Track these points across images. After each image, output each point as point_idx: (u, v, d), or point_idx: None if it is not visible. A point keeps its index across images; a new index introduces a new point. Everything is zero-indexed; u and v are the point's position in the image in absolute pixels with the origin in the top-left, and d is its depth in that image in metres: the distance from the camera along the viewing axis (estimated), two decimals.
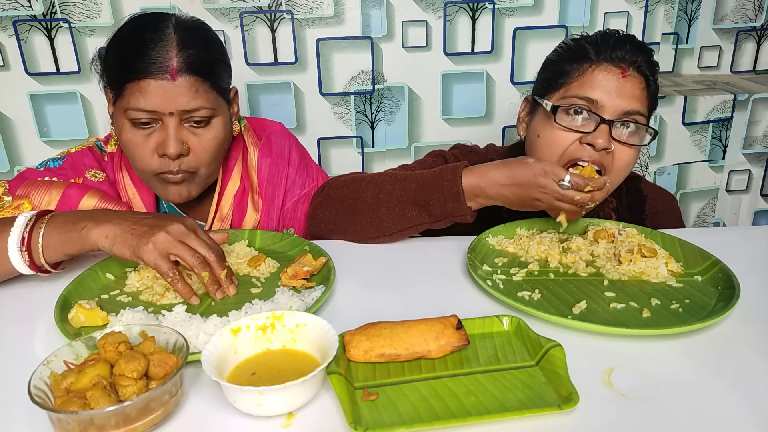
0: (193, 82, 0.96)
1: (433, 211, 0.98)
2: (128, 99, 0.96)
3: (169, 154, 0.98)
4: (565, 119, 1.00)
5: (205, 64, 0.99)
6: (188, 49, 0.96)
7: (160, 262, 0.80)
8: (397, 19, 1.58)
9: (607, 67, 0.99)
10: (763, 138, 1.88)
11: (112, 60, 0.99)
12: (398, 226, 1.01)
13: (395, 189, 1.00)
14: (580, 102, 0.99)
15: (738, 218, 1.96)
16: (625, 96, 0.98)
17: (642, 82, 1.00)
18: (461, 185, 0.95)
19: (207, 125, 1.01)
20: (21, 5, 1.46)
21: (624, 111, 0.98)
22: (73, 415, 0.56)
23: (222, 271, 0.85)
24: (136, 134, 0.98)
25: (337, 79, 1.62)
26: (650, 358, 0.71)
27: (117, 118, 1.00)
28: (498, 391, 0.64)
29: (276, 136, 1.21)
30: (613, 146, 0.98)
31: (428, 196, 0.97)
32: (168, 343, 0.67)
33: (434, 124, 1.69)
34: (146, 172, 1.02)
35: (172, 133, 0.97)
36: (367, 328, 0.71)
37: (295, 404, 0.62)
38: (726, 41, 1.90)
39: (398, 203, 1.00)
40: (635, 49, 1.00)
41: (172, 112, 0.96)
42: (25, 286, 0.90)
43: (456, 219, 0.98)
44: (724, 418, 0.61)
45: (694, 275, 0.91)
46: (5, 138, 1.57)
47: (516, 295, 0.84)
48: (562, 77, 1.02)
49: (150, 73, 0.94)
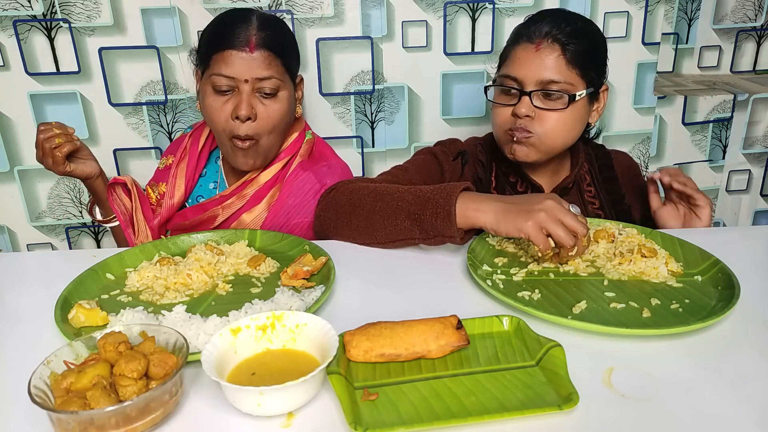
0: (267, 56, 1.14)
1: (424, 225, 0.97)
2: (213, 67, 1.14)
3: (240, 116, 1.13)
4: (498, 97, 1.17)
5: (279, 44, 1.16)
6: (266, 30, 1.15)
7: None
8: (397, 19, 1.58)
9: (524, 45, 1.12)
10: (763, 138, 1.88)
11: (204, 39, 1.18)
12: (390, 236, 1.01)
13: (393, 199, 1.02)
14: (506, 81, 1.14)
15: (738, 218, 1.96)
16: (539, 67, 1.10)
17: (557, 50, 1.09)
18: (455, 205, 0.94)
19: (274, 97, 1.17)
20: (21, 5, 1.46)
21: (539, 80, 1.10)
22: (73, 415, 0.56)
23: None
24: (216, 100, 1.15)
25: (337, 79, 1.61)
26: (650, 358, 0.71)
27: (202, 87, 1.18)
28: (498, 391, 0.64)
29: (329, 168, 1.28)
30: (533, 113, 1.11)
31: (421, 210, 0.97)
32: (168, 343, 0.67)
33: (434, 124, 1.69)
34: (222, 133, 1.18)
35: (245, 97, 1.14)
36: (367, 328, 0.71)
37: (295, 404, 0.62)
38: (726, 41, 1.90)
39: (393, 213, 1.00)
40: (555, 22, 1.10)
41: (247, 80, 1.13)
42: (25, 285, 0.90)
43: (445, 239, 0.97)
44: (724, 418, 0.61)
45: (694, 275, 0.91)
46: (5, 138, 1.57)
47: (516, 295, 0.84)
48: (501, 61, 1.19)
49: (233, 45, 1.12)
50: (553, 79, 1.09)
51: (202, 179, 1.33)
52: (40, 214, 1.66)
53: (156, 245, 1.01)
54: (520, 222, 0.89)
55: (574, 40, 1.09)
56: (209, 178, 1.33)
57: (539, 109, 1.11)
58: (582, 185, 1.27)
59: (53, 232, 1.68)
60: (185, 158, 1.29)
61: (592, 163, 1.28)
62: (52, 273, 0.91)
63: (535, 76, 1.10)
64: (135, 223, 1.24)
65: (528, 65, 1.10)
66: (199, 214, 1.23)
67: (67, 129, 1.16)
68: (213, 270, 0.92)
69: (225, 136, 1.18)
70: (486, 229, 0.94)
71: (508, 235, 0.91)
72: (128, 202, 1.24)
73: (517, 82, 1.11)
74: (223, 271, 0.93)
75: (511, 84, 1.12)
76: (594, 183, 1.27)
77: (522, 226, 0.89)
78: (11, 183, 1.60)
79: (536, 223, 0.88)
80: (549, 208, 0.89)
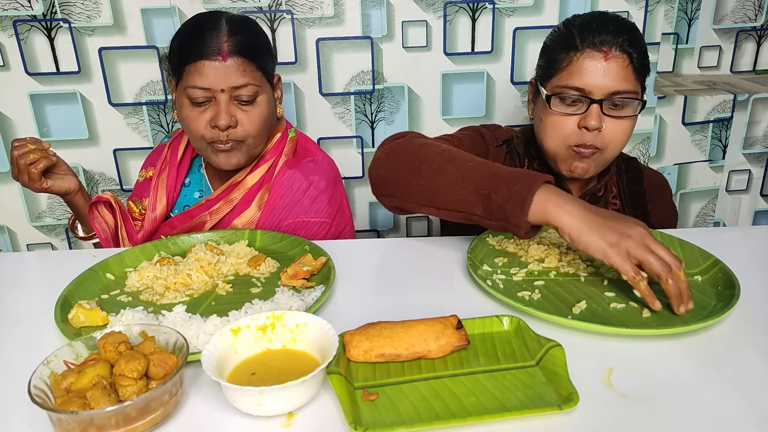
0: (240, 63, 1.11)
1: (491, 206, 0.88)
2: (187, 79, 1.11)
3: (220, 126, 1.11)
4: (559, 106, 1.08)
5: (251, 48, 1.13)
6: (237, 35, 1.11)
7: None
8: (397, 19, 1.58)
9: (591, 53, 1.05)
10: (763, 138, 1.88)
11: (175, 49, 1.15)
12: (450, 203, 0.92)
13: (465, 167, 0.93)
14: (569, 91, 1.06)
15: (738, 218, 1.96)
16: (610, 77, 1.04)
17: (626, 60, 1.05)
18: (533, 195, 0.85)
19: (253, 103, 1.14)
20: (21, 5, 1.46)
21: (610, 92, 1.04)
22: (73, 415, 0.56)
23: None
24: (193, 111, 1.13)
25: (337, 79, 1.62)
26: (650, 358, 0.71)
27: (178, 98, 1.16)
28: (498, 391, 0.64)
29: (315, 164, 1.25)
30: (604, 125, 1.05)
31: (494, 189, 0.87)
32: (168, 343, 0.67)
33: (434, 124, 1.69)
34: (200, 141, 1.16)
35: (222, 107, 1.11)
36: (367, 328, 0.71)
37: (295, 404, 0.62)
38: (726, 41, 1.90)
39: (462, 181, 0.91)
40: (617, 30, 1.05)
41: (223, 89, 1.10)
42: (25, 285, 0.90)
43: (509, 227, 0.87)
44: (724, 418, 0.61)
45: (695, 275, 0.91)
46: (5, 138, 1.57)
47: (516, 295, 0.84)
48: (555, 65, 1.09)
49: (205, 55, 1.09)
50: (624, 89, 1.04)
51: (186, 189, 1.29)
52: (40, 214, 1.66)
53: (156, 245, 1.01)
54: (606, 240, 0.80)
55: (636, 47, 1.05)
56: (194, 187, 1.29)
57: (608, 118, 1.05)
58: (608, 196, 1.22)
59: (53, 232, 1.68)
60: (165, 169, 1.26)
61: (621, 174, 1.24)
62: (52, 273, 0.91)
63: (604, 86, 1.04)
64: (120, 241, 1.21)
65: (597, 76, 1.04)
66: (187, 221, 1.19)
67: (42, 144, 1.15)
68: (213, 270, 0.92)
69: (204, 143, 1.15)
70: (561, 233, 0.84)
71: (587, 251, 0.81)
72: (111, 219, 1.21)
73: (584, 92, 1.05)
74: (223, 271, 0.93)
75: (577, 94, 1.05)
76: (620, 195, 1.23)
77: (607, 247, 0.80)
78: (11, 183, 1.60)
79: (624, 247, 0.79)
80: (638, 235, 0.80)
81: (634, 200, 1.23)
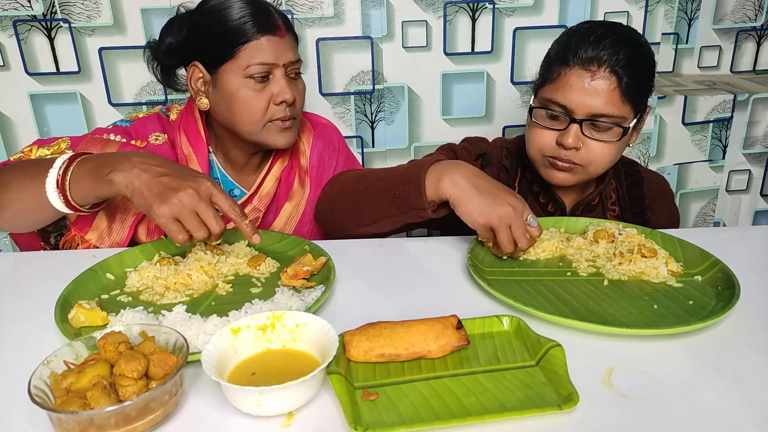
0: (293, 39, 1.14)
1: (399, 201, 0.97)
2: (246, 58, 1.09)
3: (288, 100, 1.11)
4: (541, 118, 1.08)
5: (291, 24, 1.16)
6: (280, 13, 1.14)
7: (171, 227, 0.85)
8: (397, 19, 1.58)
9: (578, 71, 1.03)
10: (763, 138, 1.88)
11: (215, 32, 1.10)
12: (376, 215, 1.02)
13: (374, 179, 1.03)
14: (553, 106, 1.05)
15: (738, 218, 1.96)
16: (594, 98, 1.02)
17: (613, 82, 1.01)
18: (424, 177, 0.95)
19: (299, 77, 1.17)
20: (21, 5, 1.46)
21: (591, 113, 1.02)
22: (73, 415, 0.56)
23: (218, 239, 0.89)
24: (252, 89, 1.10)
25: (337, 79, 1.61)
26: (650, 358, 0.71)
27: (227, 81, 1.10)
28: (498, 391, 0.64)
29: (328, 128, 1.34)
30: (581, 144, 1.04)
31: (396, 186, 0.98)
32: (168, 343, 0.67)
33: (434, 124, 1.69)
34: (257, 123, 1.12)
35: (285, 81, 1.12)
36: (367, 328, 0.71)
37: (295, 404, 0.62)
38: (726, 41, 1.90)
39: (374, 192, 1.02)
40: (614, 47, 1.01)
41: (285, 64, 1.11)
42: (25, 285, 0.90)
43: (419, 212, 0.96)
44: (724, 418, 0.61)
45: (694, 275, 0.91)
46: (5, 138, 1.57)
47: (516, 295, 0.84)
48: (546, 76, 1.08)
49: (269, 30, 1.09)
50: (607, 113, 1.02)
51: None
52: None
53: (156, 245, 1.01)
54: (475, 213, 0.91)
55: (630, 69, 1.01)
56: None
57: (587, 138, 1.04)
58: (607, 203, 1.21)
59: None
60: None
61: (620, 180, 1.22)
62: (52, 273, 0.91)
63: (587, 107, 1.02)
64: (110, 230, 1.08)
65: (580, 94, 1.02)
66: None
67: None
68: (213, 270, 0.92)
69: (261, 124, 1.12)
70: (449, 202, 0.94)
71: (462, 218, 0.93)
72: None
73: (567, 109, 1.04)
74: (223, 271, 0.93)
75: (559, 110, 1.05)
76: (619, 202, 1.21)
77: (476, 218, 0.91)
78: None
79: (486, 221, 0.90)
80: (505, 215, 0.90)
81: (633, 207, 1.21)
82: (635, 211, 1.21)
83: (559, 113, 1.05)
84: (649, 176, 1.28)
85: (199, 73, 1.14)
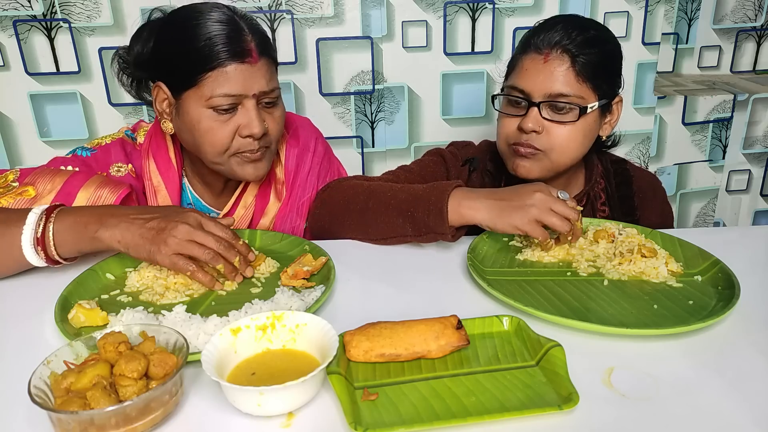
0: (268, 64, 1.01)
1: (416, 223, 0.98)
2: (210, 87, 0.96)
3: (255, 134, 1.00)
4: (504, 106, 1.12)
5: (270, 45, 1.03)
6: (258, 32, 1.00)
7: (177, 261, 0.85)
8: (397, 19, 1.58)
9: (532, 55, 1.06)
10: (763, 138, 1.88)
11: (181, 52, 0.98)
12: (383, 233, 1.02)
13: (386, 197, 1.02)
14: (513, 92, 1.08)
15: (738, 218, 1.96)
16: (547, 79, 1.04)
17: (566, 61, 1.03)
18: (447, 202, 0.96)
19: (275, 105, 1.04)
20: (21, 5, 1.46)
21: (547, 93, 1.04)
22: (73, 415, 0.56)
23: (234, 258, 0.88)
24: (216, 121, 0.99)
25: (337, 79, 1.62)
26: (650, 358, 0.71)
27: (189, 109, 0.99)
28: (498, 391, 0.64)
29: (303, 129, 1.23)
30: (541, 128, 1.05)
31: (414, 208, 0.98)
32: (168, 343, 0.67)
33: (434, 124, 1.69)
34: (221, 155, 1.02)
35: (255, 114, 0.99)
36: (367, 328, 0.71)
37: (295, 404, 0.62)
38: (726, 41, 1.90)
39: (386, 210, 1.01)
40: (566, 30, 1.04)
41: (255, 94, 0.99)
42: (25, 285, 0.90)
43: (437, 237, 0.97)
44: (724, 418, 0.61)
45: (694, 275, 0.91)
46: (5, 138, 1.57)
47: (516, 295, 0.84)
48: (509, 67, 1.13)
49: (234, 57, 0.96)
50: (562, 92, 1.03)
51: None
52: None
53: None
54: (515, 219, 0.93)
55: (585, 50, 1.03)
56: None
57: (547, 122, 1.05)
58: (596, 203, 1.20)
59: None
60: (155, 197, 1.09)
61: (609, 179, 1.22)
62: (52, 273, 0.91)
63: (542, 88, 1.04)
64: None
65: (535, 77, 1.04)
66: None
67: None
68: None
69: (227, 156, 1.02)
70: (482, 227, 0.96)
71: (505, 232, 0.95)
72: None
73: (524, 93, 1.06)
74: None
75: (518, 95, 1.07)
76: (609, 202, 1.21)
77: (518, 224, 0.93)
78: None
79: (530, 218, 0.92)
80: (539, 201, 0.93)
81: (623, 205, 1.21)
82: (625, 210, 1.21)
83: (518, 98, 1.07)
84: (638, 174, 1.26)
85: (164, 95, 1.02)
